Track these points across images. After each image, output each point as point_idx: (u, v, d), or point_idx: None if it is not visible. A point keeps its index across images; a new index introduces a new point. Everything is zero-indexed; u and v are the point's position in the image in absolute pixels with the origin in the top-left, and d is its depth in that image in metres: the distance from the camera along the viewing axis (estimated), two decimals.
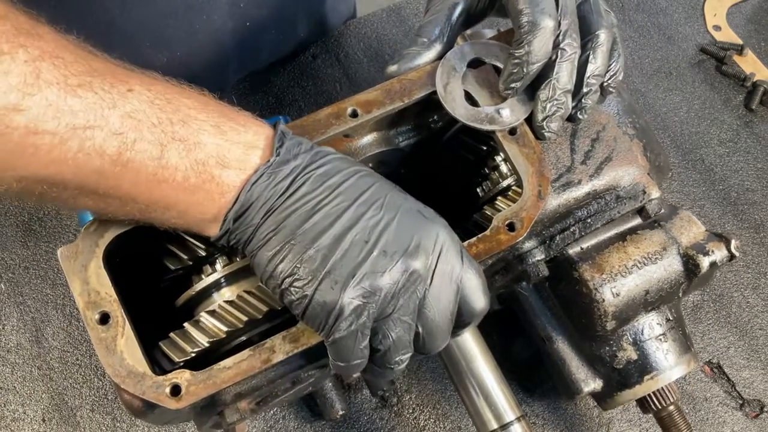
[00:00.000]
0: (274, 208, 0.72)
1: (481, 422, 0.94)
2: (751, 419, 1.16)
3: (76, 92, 0.64)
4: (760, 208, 1.34)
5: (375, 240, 0.71)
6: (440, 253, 0.73)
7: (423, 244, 0.73)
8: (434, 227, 0.74)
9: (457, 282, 0.74)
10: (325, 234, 0.71)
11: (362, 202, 0.73)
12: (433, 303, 0.73)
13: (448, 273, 0.74)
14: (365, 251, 0.71)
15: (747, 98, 1.44)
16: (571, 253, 0.92)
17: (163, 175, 0.69)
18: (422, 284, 0.72)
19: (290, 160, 0.73)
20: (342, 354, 0.73)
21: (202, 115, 0.71)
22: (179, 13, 1.12)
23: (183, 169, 0.69)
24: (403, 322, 0.72)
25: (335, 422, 1.12)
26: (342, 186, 0.73)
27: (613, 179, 0.91)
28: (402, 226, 0.73)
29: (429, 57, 0.88)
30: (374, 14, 1.48)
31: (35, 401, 1.12)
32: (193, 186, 0.70)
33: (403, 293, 0.72)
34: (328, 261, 0.70)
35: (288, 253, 0.71)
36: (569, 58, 0.83)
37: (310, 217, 0.71)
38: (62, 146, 0.64)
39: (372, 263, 0.70)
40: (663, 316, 0.96)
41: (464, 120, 0.85)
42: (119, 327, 0.74)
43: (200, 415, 0.81)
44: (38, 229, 1.22)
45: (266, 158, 0.73)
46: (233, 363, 0.75)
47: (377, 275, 0.70)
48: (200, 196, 0.71)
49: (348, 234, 0.71)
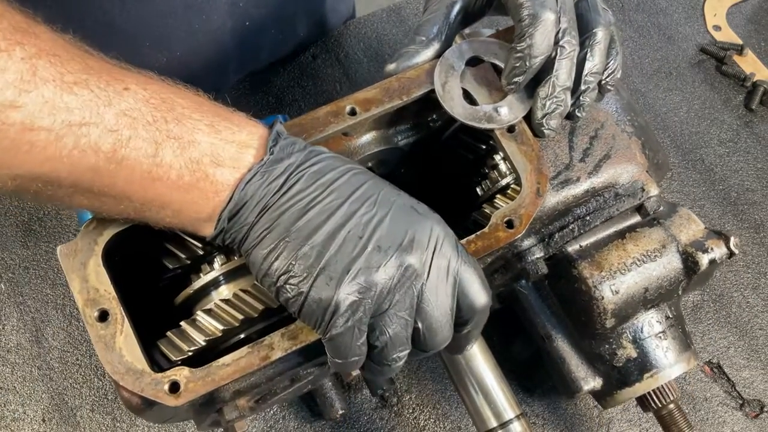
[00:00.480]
0: (268, 206, 0.72)
1: (481, 421, 0.94)
2: (751, 419, 1.16)
3: (72, 89, 0.64)
4: (760, 208, 1.34)
5: (369, 236, 0.71)
6: (435, 247, 0.73)
7: (417, 238, 0.73)
8: (428, 222, 0.74)
9: (454, 275, 0.74)
10: (319, 231, 0.71)
11: (355, 199, 0.73)
12: (431, 297, 0.73)
13: (445, 267, 0.73)
14: (359, 247, 0.71)
15: (747, 98, 1.44)
16: (570, 251, 0.92)
17: (158, 173, 0.69)
18: (418, 279, 0.72)
19: (284, 159, 0.73)
20: (339, 351, 0.72)
21: (197, 114, 0.72)
22: (178, 13, 1.12)
23: (177, 167, 0.70)
24: (400, 317, 0.72)
25: (335, 422, 1.12)
26: (335, 183, 0.73)
27: (611, 177, 0.91)
28: (395, 222, 0.73)
29: (427, 55, 0.89)
30: (374, 14, 1.48)
31: (35, 401, 1.12)
32: (188, 184, 0.70)
33: (399, 288, 0.72)
34: (323, 257, 0.70)
35: (283, 251, 0.71)
36: (568, 56, 0.83)
37: (303, 214, 0.71)
38: (57, 143, 0.64)
39: (366, 259, 0.71)
40: (662, 314, 0.96)
41: (462, 118, 0.85)
42: (118, 324, 0.74)
43: (199, 413, 0.81)
44: (38, 229, 1.22)
45: (260, 157, 0.73)
46: (232, 360, 0.75)
47: (372, 270, 0.70)
48: (194, 194, 0.71)
49: (342, 230, 0.71)
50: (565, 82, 0.84)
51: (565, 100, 0.85)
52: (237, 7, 1.19)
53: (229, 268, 0.81)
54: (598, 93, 0.88)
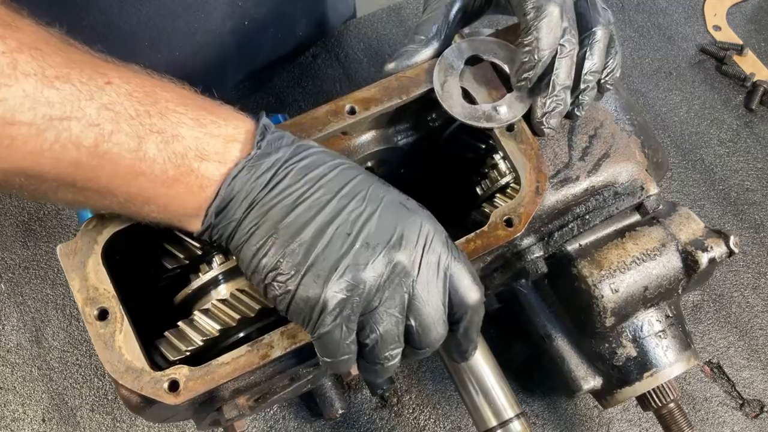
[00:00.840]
0: (256, 201, 0.71)
1: (481, 420, 0.93)
2: (751, 419, 1.16)
3: (53, 84, 0.64)
4: (760, 208, 1.33)
5: (357, 232, 0.71)
6: (425, 244, 0.73)
7: (406, 235, 0.72)
8: (418, 218, 0.73)
9: (444, 271, 0.73)
10: (307, 227, 0.70)
11: (344, 195, 0.72)
12: (422, 294, 0.72)
13: (435, 263, 0.73)
14: (347, 244, 0.70)
15: (747, 98, 1.44)
16: (569, 250, 0.92)
17: (141, 168, 0.68)
18: (408, 276, 0.72)
19: (271, 153, 0.72)
20: (328, 349, 0.72)
21: (182, 107, 0.71)
22: (177, 13, 1.12)
23: (161, 162, 0.69)
24: (390, 315, 0.72)
25: (335, 422, 1.12)
26: (324, 178, 0.72)
27: (610, 175, 0.91)
28: (385, 218, 0.72)
29: (426, 54, 0.89)
30: (374, 14, 1.48)
31: (35, 401, 1.12)
32: (172, 179, 0.70)
33: (389, 286, 0.71)
34: (311, 255, 0.70)
35: (271, 248, 0.70)
36: (568, 54, 0.83)
37: (292, 210, 0.71)
38: (39, 137, 0.64)
39: (354, 256, 0.70)
40: (662, 313, 0.96)
41: (461, 117, 0.85)
42: (117, 323, 0.74)
43: (199, 412, 0.81)
44: (38, 229, 1.22)
45: (247, 151, 0.72)
46: (231, 359, 0.75)
47: (360, 268, 0.70)
48: (180, 189, 0.70)
49: (330, 226, 0.70)
50: (565, 80, 0.84)
51: (565, 99, 0.85)
52: (236, 6, 1.18)
53: (227, 268, 0.81)
54: (598, 92, 0.88)
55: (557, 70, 0.83)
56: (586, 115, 0.91)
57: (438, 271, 0.73)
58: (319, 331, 0.70)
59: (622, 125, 0.93)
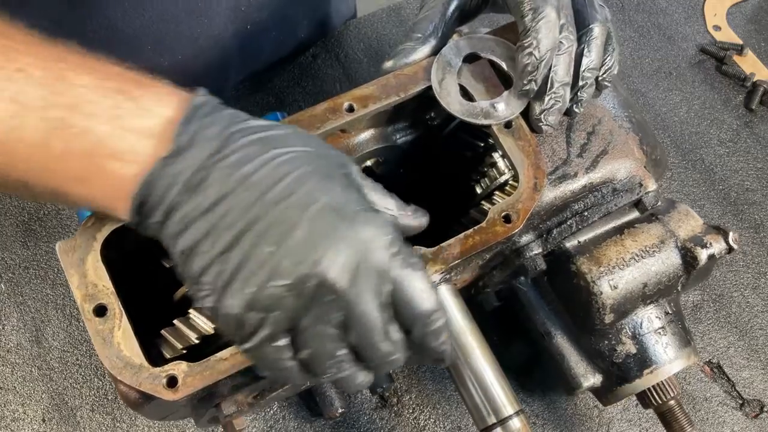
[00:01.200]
0: (173, 207, 0.65)
1: (480, 417, 0.93)
2: (751, 419, 1.16)
3: None
4: (760, 208, 1.33)
5: (279, 243, 0.63)
6: (360, 257, 0.64)
7: (336, 247, 0.63)
8: (355, 227, 0.64)
9: (388, 282, 0.66)
10: (223, 238, 0.63)
11: (271, 200, 0.64)
12: (356, 310, 0.65)
13: (374, 275, 0.65)
14: (265, 256, 0.63)
15: (747, 98, 1.44)
16: (568, 247, 0.92)
17: (50, 165, 0.64)
18: (337, 293, 0.64)
19: (191, 148, 0.64)
20: (261, 364, 0.69)
21: (98, 94, 0.64)
22: (180, 18, 1.12)
23: (71, 160, 0.64)
24: (321, 334, 0.65)
25: (335, 422, 1.12)
26: (252, 177, 0.64)
27: (609, 172, 0.91)
28: (315, 227, 0.63)
29: (424, 52, 0.89)
30: (374, 14, 1.48)
31: (35, 401, 1.12)
32: (84, 178, 0.65)
33: (315, 304, 0.64)
34: (225, 272, 0.63)
35: (193, 259, 0.65)
36: (567, 51, 0.83)
37: (210, 216, 0.64)
38: None
39: (271, 273, 0.62)
40: (662, 310, 0.96)
41: (459, 115, 0.85)
42: (116, 319, 0.74)
43: (197, 408, 0.81)
44: (38, 229, 1.22)
45: (164, 147, 0.64)
46: (230, 354, 0.74)
47: (278, 287, 0.63)
48: (94, 189, 0.66)
49: (246, 236, 0.63)
50: (563, 77, 0.84)
51: (564, 96, 0.85)
52: (239, 11, 1.19)
53: None
54: (596, 89, 0.89)
55: (555, 67, 0.83)
56: (584, 112, 0.91)
57: (378, 284, 0.65)
58: (245, 347, 0.66)
59: (620, 122, 0.93)
